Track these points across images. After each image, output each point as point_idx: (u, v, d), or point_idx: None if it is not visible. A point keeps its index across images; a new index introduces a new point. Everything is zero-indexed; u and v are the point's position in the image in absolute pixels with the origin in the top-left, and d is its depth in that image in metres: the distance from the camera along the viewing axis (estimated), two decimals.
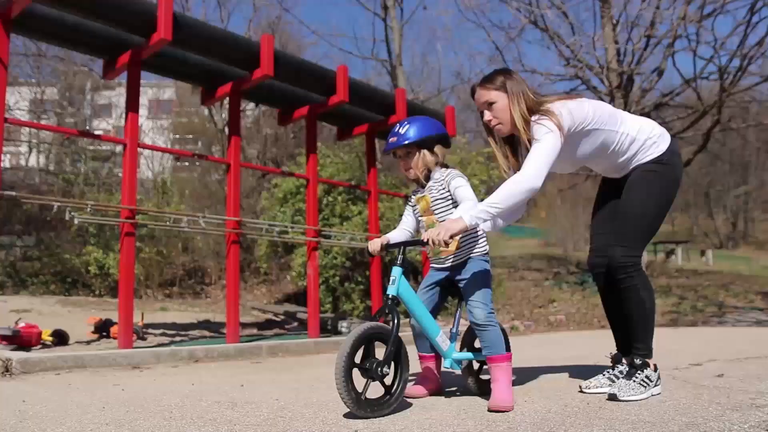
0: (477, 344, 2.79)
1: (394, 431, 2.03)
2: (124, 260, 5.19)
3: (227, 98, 6.54)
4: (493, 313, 2.59)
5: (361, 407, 2.22)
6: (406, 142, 2.68)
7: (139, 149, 5.75)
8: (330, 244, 9.01)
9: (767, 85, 13.02)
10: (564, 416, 2.19)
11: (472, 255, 2.67)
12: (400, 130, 2.71)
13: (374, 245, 2.68)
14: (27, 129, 15.87)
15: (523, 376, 3.33)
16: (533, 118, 2.56)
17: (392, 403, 2.35)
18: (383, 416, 2.27)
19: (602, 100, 15.50)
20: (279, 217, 10.67)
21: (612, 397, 2.44)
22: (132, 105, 5.46)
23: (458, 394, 2.81)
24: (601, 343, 5.89)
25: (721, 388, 2.72)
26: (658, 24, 12.65)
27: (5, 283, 10.73)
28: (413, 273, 10.90)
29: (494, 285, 11.73)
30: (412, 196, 2.86)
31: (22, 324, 5.25)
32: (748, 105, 15.35)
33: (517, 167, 2.72)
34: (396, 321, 2.38)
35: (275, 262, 12.92)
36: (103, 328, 6.10)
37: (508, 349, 2.61)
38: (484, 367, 2.84)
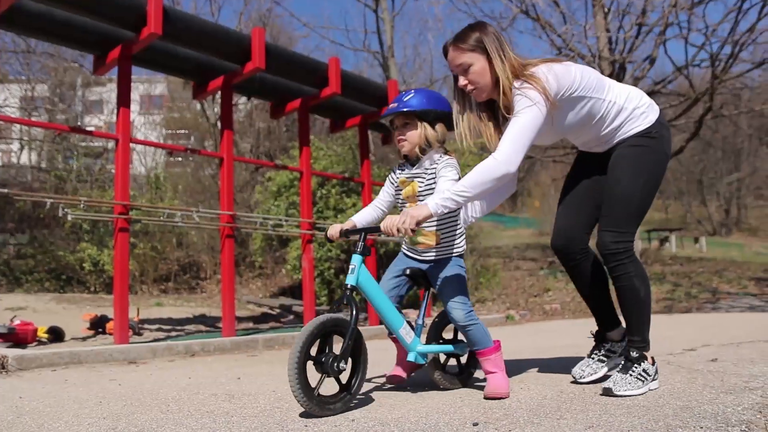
0: (446, 336, 2.76)
1: (391, 419, 2.04)
2: (119, 256, 5.17)
3: (219, 92, 6.51)
4: (472, 310, 2.50)
5: (315, 404, 2.10)
6: (406, 109, 2.48)
7: (131, 145, 5.72)
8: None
9: (759, 71, 13.07)
10: (560, 402, 2.21)
11: (450, 255, 2.56)
12: (403, 98, 2.51)
13: (333, 230, 2.54)
14: (18, 126, 15.77)
15: (519, 364, 3.35)
16: (515, 84, 2.30)
17: (349, 400, 2.24)
18: (340, 413, 2.16)
19: None
20: (273, 211, 10.66)
21: (607, 392, 2.28)
22: (123, 100, 5.43)
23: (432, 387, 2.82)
24: None
25: (714, 372, 2.75)
26: (650, 12, 12.64)
27: None
28: None
29: (489, 275, 11.77)
30: (397, 172, 2.65)
31: (17, 321, 5.25)
32: (740, 92, 15.39)
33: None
34: (354, 313, 2.24)
35: (270, 255, 12.91)
36: (98, 324, 6.10)
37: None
38: (464, 360, 2.79)
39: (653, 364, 2.42)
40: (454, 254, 2.57)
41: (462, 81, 2.42)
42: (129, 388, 3.02)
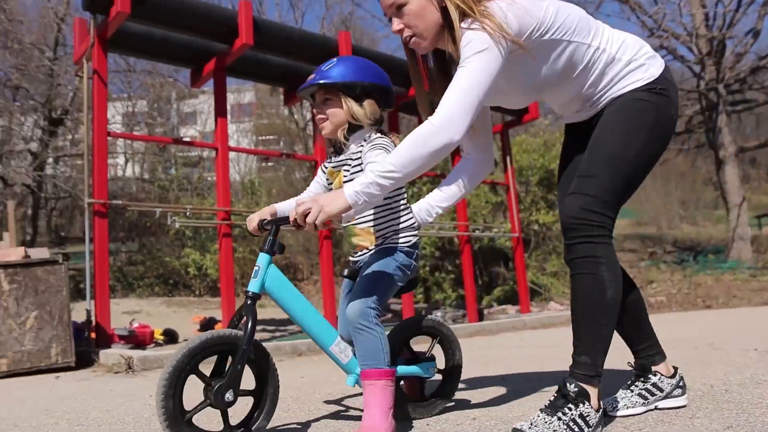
0: (408, 353, 2.18)
1: (512, 417, 2.00)
2: (224, 260, 5.40)
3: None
4: (375, 309, 1.88)
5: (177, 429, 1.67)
6: (323, 81, 1.94)
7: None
8: (419, 234, 9.02)
9: None
10: (690, 400, 2.09)
11: (388, 246, 2.01)
12: (322, 68, 1.98)
13: (251, 223, 2.04)
14: (122, 141, 16.82)
15: None
16: (463, 25, 1.70)
17: None
18: None
19: (692, 69, 14.39)
20: None
21: None
22: (220, 110, 5.66)
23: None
24: (706, 325, 5.61)
25: None
26: None
27: (115, 286, 11.46)
28: (504, 260, 10.71)
29: None
30: (327, 163, 2.12)
31: (135, 324, 5.60)
32: None
33: None
34: (248, 327, 1.76)
35: None
36: (208, 326, 6.42)
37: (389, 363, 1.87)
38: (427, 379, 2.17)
39: (598, 410, 1.70)
40: (394, 245, 2.01)
41: (396, 25, 1.82)
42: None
